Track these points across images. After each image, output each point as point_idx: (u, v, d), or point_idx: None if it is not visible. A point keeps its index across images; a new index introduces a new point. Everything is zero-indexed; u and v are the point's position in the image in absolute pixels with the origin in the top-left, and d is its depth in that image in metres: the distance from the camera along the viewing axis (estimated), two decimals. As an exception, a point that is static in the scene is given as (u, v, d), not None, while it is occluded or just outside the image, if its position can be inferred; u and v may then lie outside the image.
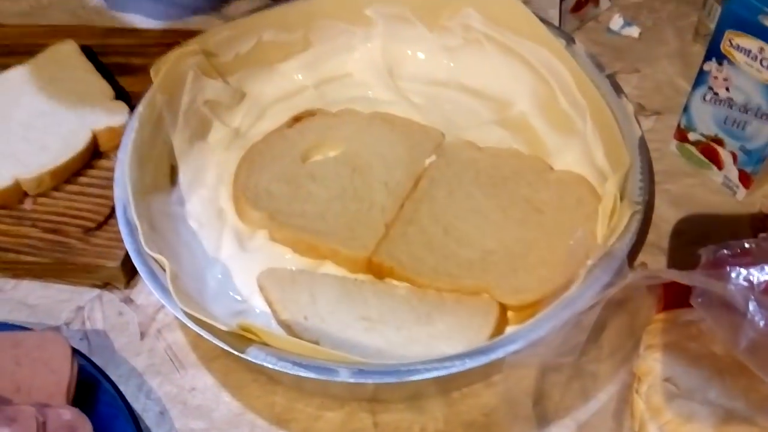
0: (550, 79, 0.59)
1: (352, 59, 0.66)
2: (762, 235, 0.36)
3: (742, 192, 0.59)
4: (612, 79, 0.57)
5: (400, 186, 0.57)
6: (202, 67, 0.60)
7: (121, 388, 0.51)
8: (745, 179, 0.58)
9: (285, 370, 0.44)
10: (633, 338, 0.50)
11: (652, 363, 0.48)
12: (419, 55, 0.66)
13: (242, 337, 0.46)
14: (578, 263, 0.51)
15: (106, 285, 0.57)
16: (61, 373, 0.48)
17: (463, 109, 0.63)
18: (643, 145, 0.53)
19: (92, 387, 0.50)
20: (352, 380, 0.44)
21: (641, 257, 0.56)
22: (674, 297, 0.50)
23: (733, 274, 0.36)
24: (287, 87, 0.65)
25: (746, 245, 0.37)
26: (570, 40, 0.59)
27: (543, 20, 0.59)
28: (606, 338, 0.51)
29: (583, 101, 0.57)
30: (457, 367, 0.44)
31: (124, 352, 0.54)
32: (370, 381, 0.44)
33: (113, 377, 0.51)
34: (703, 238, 0.57)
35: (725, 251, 0.38)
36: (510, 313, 0.52)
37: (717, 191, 0.60)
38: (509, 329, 0.51)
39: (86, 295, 0.57)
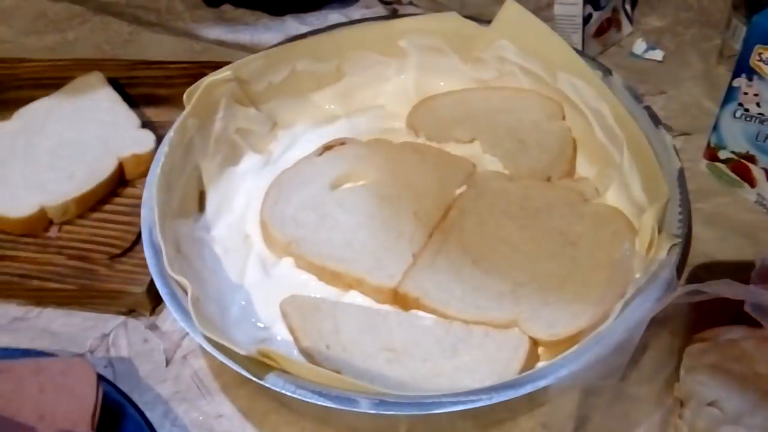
0: (587, 110, 0.58)
1: (384, 91, 0.65)
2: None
3: None
4: (650, 110, 0.55)
5: (429, 216, 0.56)
6: (234, 94, 0.60)
7: (147, 415, 0.50)
8: (780, 196, 0.56)
9: (303, 398, 0.43)
10: (674, 359, 0.48)
11: (695, 386, 0.46)
12: (453, 88, 0.65)
13: (263, 364, 0.45)
14: (614, 297, 0.49)
15: (131, 312, 0.57)
16: (86, 400, 0.46)
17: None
18: (681, 177, 0.51)
19: (117, 414, 0.49)
20: (372, 411, 0.42)
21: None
22: (712, 314, 0.48)
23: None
24: (319, 116, 0.64)
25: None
26: (606, 72, 0.58)
27: (579, 51, 0.58)
28: (647, 359, 0.48)
29: (620, 133, 0.55)
30: (484, 401, 0.42)
31: (149, 380, 0.53)
32: (391, 412, 0.42)
33: (139, 404, 0.50)
34: (739, 258, 0.55)
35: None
36: (541, 349, 0.50)
37: (750, 209, 0.59)
38: (540, 365, 0.49)
39: (111, 322, 0.56)
